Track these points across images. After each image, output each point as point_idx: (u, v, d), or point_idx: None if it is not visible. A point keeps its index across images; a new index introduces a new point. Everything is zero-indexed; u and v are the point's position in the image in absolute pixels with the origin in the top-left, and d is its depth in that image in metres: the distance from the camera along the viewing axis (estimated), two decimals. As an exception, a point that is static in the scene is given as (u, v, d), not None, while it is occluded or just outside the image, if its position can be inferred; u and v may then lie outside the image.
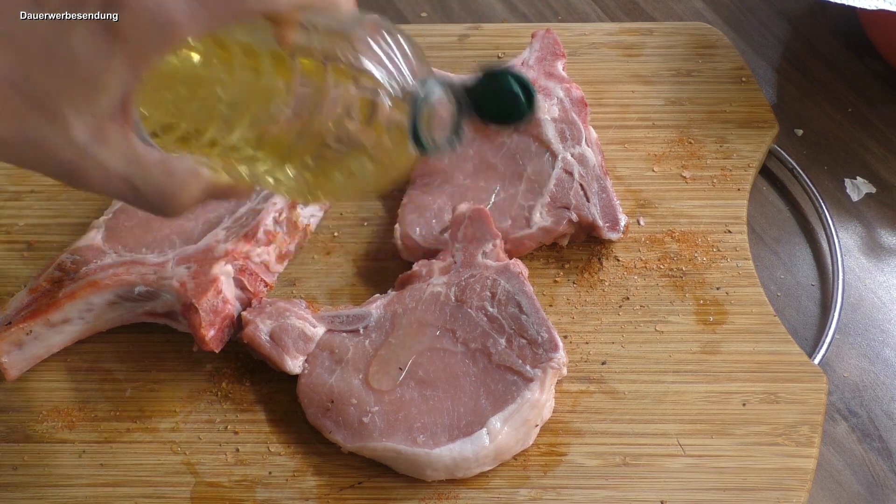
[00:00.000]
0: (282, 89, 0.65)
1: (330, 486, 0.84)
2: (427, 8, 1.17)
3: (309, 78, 0.65)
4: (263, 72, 0.65)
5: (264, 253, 0.91)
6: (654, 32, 1.08)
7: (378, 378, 0.84)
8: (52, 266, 0.91)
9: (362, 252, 0.96)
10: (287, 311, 0.88)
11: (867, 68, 1.10)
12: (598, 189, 0.94)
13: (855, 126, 1.05)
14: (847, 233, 0.99)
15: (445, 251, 0.90)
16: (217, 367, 0.90)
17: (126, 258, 0.90)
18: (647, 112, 1.03)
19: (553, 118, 0.96)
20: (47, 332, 0.88)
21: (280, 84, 0.65)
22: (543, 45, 1.01)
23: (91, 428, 0.87)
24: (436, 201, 0.95)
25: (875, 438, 0.88)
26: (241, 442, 0.86)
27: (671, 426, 0.85)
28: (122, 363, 0.90)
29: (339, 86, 0.64)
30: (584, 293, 0.93)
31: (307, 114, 0.65)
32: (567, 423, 0.86)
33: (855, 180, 1.02)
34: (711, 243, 0.94)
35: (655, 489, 0.82)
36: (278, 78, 0.65)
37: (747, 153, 1.00)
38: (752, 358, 0.88)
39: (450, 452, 0.81)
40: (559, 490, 0.83)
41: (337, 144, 0.65)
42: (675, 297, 0.92)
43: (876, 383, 0.91)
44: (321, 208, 0.97)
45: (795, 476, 0.83)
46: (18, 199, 0.99)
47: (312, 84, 0.64)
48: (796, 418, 0.85)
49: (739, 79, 1.05)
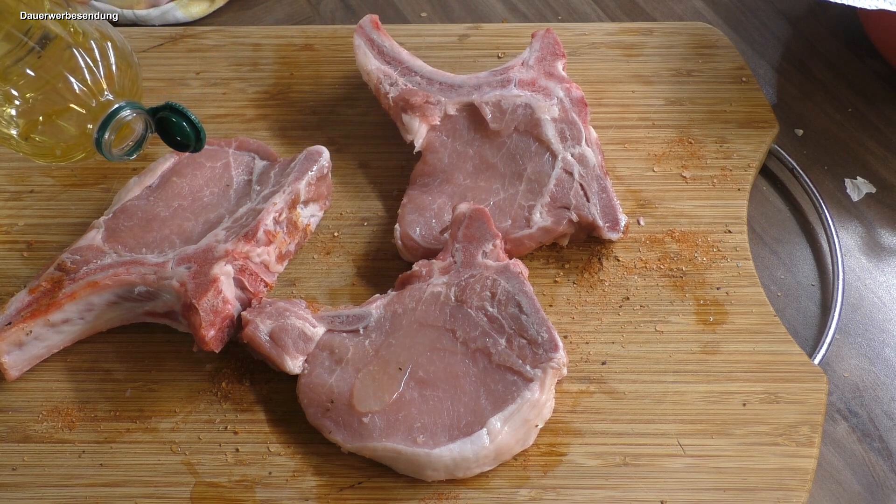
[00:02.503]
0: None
1: (330, 486, 0.84)
2: (427, 8, 1.17)
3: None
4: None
5: (264, 253, 0.91)
6: (654, 32, 1.08)
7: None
8: (52, 266, 0.91)
9: (362, 252, 0.96)
10: (287, 311, 0.88)
11: (867, 68, 1.10)
12: (598, 189, 0.94)
13: (855, 126, 1.05)
14: (847, 233, 0.99)
15: (445, 251, 0.90)
16: (217, 367, 0.90)
17: (126, 258, 0.90)
18: (647, 112, 1.03)
19: (553, 118, 0.96)
20: (47, 332, 0.88)
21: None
22: (543, 45, 1.01)
23: (91, 428, 0.87)
24: (436, 201, 0.95)
25: (875, 438, 0.88)
26: (241, 442, 0.86)
27: (671, 426, 0.85)
28: (122, 363, 0.90)
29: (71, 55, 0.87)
30: (584, 293, 0.93)
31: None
32: (567, 423, 0.86)
33: (855, 180, 1.02)
34: (711, 243, 0.94)
35: (655, 489, 0.82)
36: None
37: (747, 153, 1.00)
38: (752, 358, 0.88)
39: (450, 452, 0.81)
40: (559, 490, 0.83)
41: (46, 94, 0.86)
42: (675, 297, 0.92)
43: (876, 383, 0.91)
44: (321, 208, 0.97)
45: (795, 476, 0.83)
46: (18, 199, 0.99)
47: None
48: (796, 418, 0.85)
49: (739, 79, 1.05)
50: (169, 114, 0.87)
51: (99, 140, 0.86)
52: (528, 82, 0.98)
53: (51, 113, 0.87)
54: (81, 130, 0.87)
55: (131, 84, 0.91)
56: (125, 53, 0.91)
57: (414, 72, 1.00)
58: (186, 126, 0.87)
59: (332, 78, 1.07)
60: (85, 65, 0.87)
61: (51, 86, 0.86)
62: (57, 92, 0.86)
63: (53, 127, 0.87)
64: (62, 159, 0.91)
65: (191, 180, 0.96)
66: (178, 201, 0.95)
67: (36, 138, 0.88)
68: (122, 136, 0.88)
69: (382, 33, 1.02)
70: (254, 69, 1.08)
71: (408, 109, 0.97)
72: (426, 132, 0.98)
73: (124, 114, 0.86)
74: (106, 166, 1.01)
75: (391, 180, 1.00)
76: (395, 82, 0.99)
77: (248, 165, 0.97)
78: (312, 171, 0.94)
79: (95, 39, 0.89)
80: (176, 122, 0.87)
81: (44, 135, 0.88)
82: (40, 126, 0.87)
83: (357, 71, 1.02)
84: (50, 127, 0.87)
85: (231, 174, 0.97)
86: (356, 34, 1.02)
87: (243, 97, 1.06)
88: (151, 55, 1.08)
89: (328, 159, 0.95)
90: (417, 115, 0.97)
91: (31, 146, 0.90)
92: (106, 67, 0.88)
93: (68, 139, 0.89)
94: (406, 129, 0.98)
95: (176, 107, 0.87)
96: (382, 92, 0.99)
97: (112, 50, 0.89)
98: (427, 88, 0.99)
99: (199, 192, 0.95)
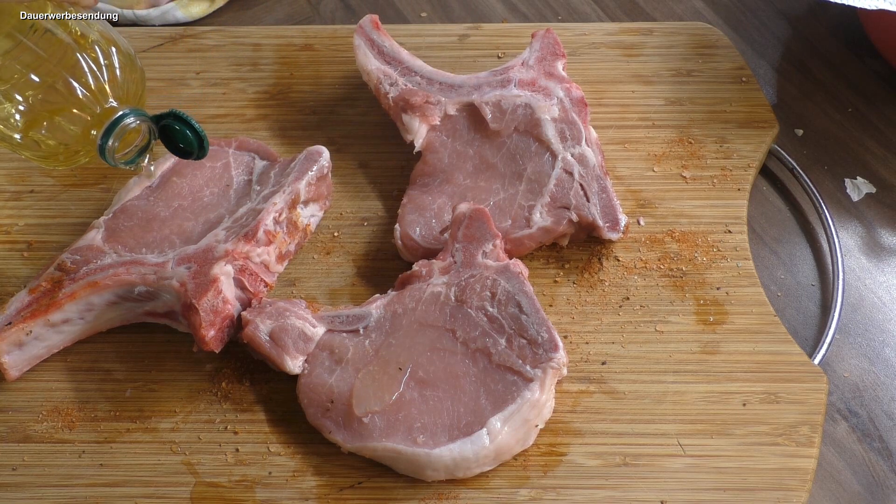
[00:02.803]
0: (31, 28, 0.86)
1: (330, 486, 0.84)
2: (427, 8, 1.17)
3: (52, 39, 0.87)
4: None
5: (264, 253, 0.91)
6: (654, 32, 1.08)
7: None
8: (52, 266, 0.91)
9: (362, 252, 0.96)
10: (287, 311, 0.88)
11: (867, 68, 1.10)
12: (598, 189, 0.94)
13: (855, 126, 1.05)
14: (847, 233, 0.99)
15: (445, 251, 0.90)
16: (217, 367, 0.90)
17: (126, 258, 0.90)
18: (647, 112, 1.03)
19: (553, 118, 0.96)
20: (47, 332, 0.88)
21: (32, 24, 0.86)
22: (543, 45, 1.01)
23: (91, 428, 0.87)
24: (436, 201, 0.95)
25: (875, 438, 0.88)
26: (241, 442, 0.86)
27: (671, 426, 0.85)
28: (122, 363, 0.90)
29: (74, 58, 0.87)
30: (584, 293, 0.93)
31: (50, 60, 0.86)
32: (567, 423, 0.86)
33: (855, 180, 1.02)
34: (711, 243, 0.94)
35: (655, 489, 0.82)
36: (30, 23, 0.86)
37: (747, 153, 1.00)
38: (752, 358, 0.88)
39: (450, 452, 0.81)
40: (559, 490, 0.83)
41: (52, 96, 0.86)
42: (675, 297, 0.92)
43: (876, 383, 0.91)
44: (321, 208, 0.97)
45: (795, 476, 0.83)
46: (18, 199, 0.99)
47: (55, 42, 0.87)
48: (796, 418, 0.85)
49: (739, 79, 1.05)
50: (172, 122, 0.87)
51: (103, 147, 0.87)
52: (528, 82, 0.98)
53: (54, 118, 0.87)
54: (85, 135, 0.87)
55: (135, 88, 0.91)
56: (129, 58, 0.91)
57: (414, 72, 1.00)
58: (189, 134, 0.87)
59: (332, 78, 1.07)
60: (89, 69, 0.87)
61: (54, 90, 0.86)
62: (60, 96, 0.86)
63: (57, 131, 0.88)
64: (65, 164, 0.92)
65: (191, 180, 0.96)
66: (178, 201, 0.95)
67: (39, 143, 0.88)
68: (127, 141, 0.88)
69: (382, 33, 1.02)
70: (254, 69, 1.08)
71: (408, 109, 0.97)
72: (426, 132, 0.98)
73: (128, 121, 0.87)
74: (106, 167, 1.01)
75: (391, 180, 1.00)
76: (395, 82, 0.99)
77: (248, 165, 0.97)
78: (312, 171, 0.94)
79: (99, 43, 0.89)
80: (179, 130, 0.88)
81: (47, 139, 0.88)
82: (43, 130, 0.87)
83: (357, 71, 1.02)
84: (53, 131, 0.88)
85: (231, 174, 0.97)
86: (356, 34, 1.02)
87: (243, 97, 1.06)
88: (151, 55, 1.08)
89: (328, 159, 0.95)
90: (417, 115, 0.97)
91: (34, 150, 0.90)
92: (110, 72, 0.88)
93: (71, 143, 0.89)
94: (406, 129, 0.98)
95: (179, 115, 0.87)
96: (382, 92, 0.99)
97: (116, 54, 0.89)
98: (427, 88, 0.99)
99: (199, 192, 0.95)
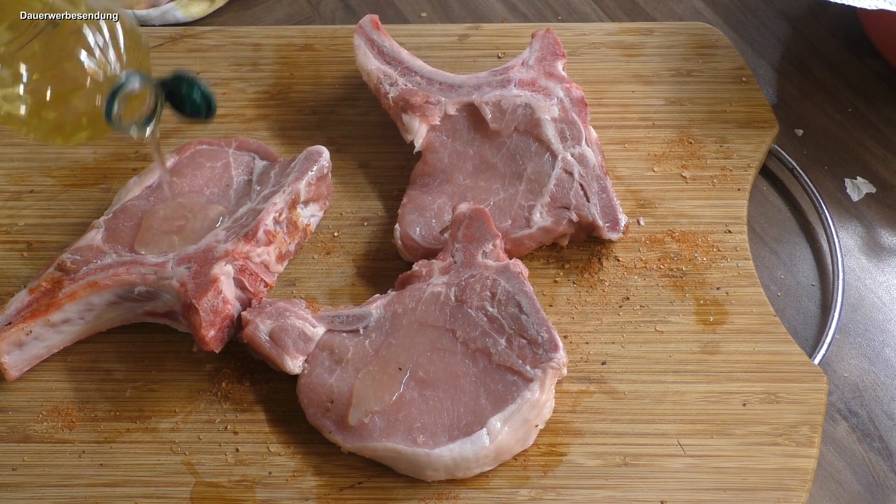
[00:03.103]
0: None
1: (330, 486, 0.84)
2: (427, 8, 1.17)
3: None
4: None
5: (264, 253, 0.91)
6: (654, 32, 1.08)
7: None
8: (52, 266, 0.91)
9: (362, 252, 0.96)
10: (287, 311, 0.88)
11: (867, 68, 1.10)
12: (598, 189, 0.94)
13: (855, 126, 1.05)
14: (847, 233, 0.99)
15: (445, 251, 0.90)
16: (217, 367, 0.90)
17: (126, 258, 0.90)
18: (647, 112, 1.03)
19: (553, 118, 0.96)
20: (47, 332, 0.88)
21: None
22: (543, 45, 1.01)
23: (91, 428, 0.87)
24: (436, 201, 0.95)
25: (875, 438, 0.88)
26: (240, 442, 0.86)
27: (671, 426, 0.85)
28: (122, 363, 0.90)
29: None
30: (584, 293, 0.93)
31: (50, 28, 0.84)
32: (567, 423, 0.86)
33: (855, 180, 1.02)
34: (711, 243, 0.94)
35: (655, 489, 0.82)
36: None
37: (747, 153, 1.00)
38: (752, 358, 0.88)
39: (450, 452, 0.81)
40: (559, 490, 0.83)
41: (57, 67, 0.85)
42: (675, 297, 0.92)
43: (876, 383, 0.91)
44: (321, 208, 0.97)
45: (795, 476, 0.83)
46: (18, 199, 0.99)
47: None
48: (796, 418, 0.85)
49: (739, 79, 1.05)
50: (179, 83, 0.85)
51: (108, 112, 0.84)
52: (528, 82, 0.98)
53: (59, 90, 0.86)
54: (90, 106, 0.86)
55: (139, 64, 0.89)
56: (134, 33, 0.90)
57: (414, 72, 1.00)
58: (196, 95, 0.85)
59: (332, 78, 1.07)
60: (95, 42, 0.86)
61: (60, 63, 0.85)
62: (65, 69, 0.85)
63: (62, 104, 0.86)
64: (65, 140, 0.90)
65: (191, 180, 0.96)
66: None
67: (44, 116, 0.87)
68: (133, 109, 0.86)
69: (382, 33, 1.02)
70: (254, 69, 1.08)
71: (408, 109, 0.97)
72: (426, 132, 0.98)
73: (133, 85, 0.84)
74: (106, 166, 1.01)
75: (391, 180, 1.00)
76: (395, 82, 0.99)
77: (248, 165, 0.97)
78: (312, 171, 0.94)
79: (105, 17, 0.88)
80: (186, 93, 0.85)
81: (52, 112, 0.87)
82: (49, 103, 0.86)
83: (357, 71, 1.02)
84: (58, 104, 0.86)
85: (231, 174, 0.97)
86: (356, 34, 1.02)
87: (243, 97, 1.06)
88: (151, 55, 1.07)
89: (328, 159, 0.95)
90: (417, 115, 0.97)
91: (38, 125, 0.88)
92: (115, 45, 0.87)
93: (77, 116, 0.87)
94: (406, 129, 0.98)
95: (185, 76, 0.85)
96: (382, 92, 0.99)
97: (121, 28, 0.88)
98: (427, 88, 0.99)
99: (199, 192, 0.95)
